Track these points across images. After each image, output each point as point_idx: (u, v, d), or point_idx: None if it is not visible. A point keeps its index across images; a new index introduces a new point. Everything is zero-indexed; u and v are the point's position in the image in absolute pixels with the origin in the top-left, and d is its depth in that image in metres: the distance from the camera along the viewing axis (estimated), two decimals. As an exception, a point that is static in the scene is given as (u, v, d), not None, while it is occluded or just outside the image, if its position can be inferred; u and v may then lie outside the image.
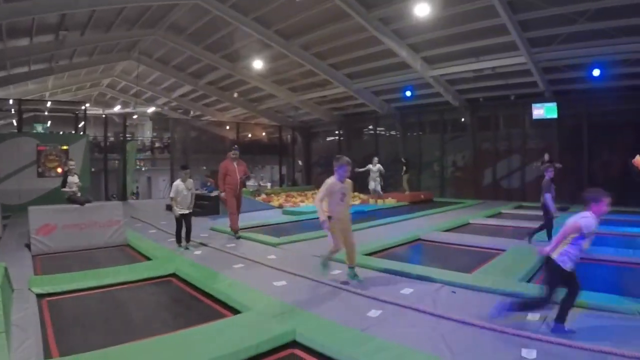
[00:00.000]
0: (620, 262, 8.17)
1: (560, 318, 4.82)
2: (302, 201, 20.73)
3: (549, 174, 10.02)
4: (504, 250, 8.92)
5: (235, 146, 12.09)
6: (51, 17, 17.04)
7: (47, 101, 26.85)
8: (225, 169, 11.44)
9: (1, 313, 4.74)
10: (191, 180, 10.45)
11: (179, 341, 4.71)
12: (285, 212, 16.72)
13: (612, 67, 16.45)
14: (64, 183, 11.54)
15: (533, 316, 5.21)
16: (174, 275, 7.79)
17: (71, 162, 12.62)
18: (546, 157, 17.36)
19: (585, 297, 5.36)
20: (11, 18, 15.20)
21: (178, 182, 10.11)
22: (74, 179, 11.68)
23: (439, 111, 24.17)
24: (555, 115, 19.47)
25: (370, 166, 18.97)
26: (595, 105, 19.17)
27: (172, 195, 10.05)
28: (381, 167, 19.11)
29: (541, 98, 19.93)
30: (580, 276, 4.96)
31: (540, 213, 10.52)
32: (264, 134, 37.30)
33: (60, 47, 20.10)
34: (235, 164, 11.52)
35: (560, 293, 4.89)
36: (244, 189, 12.84)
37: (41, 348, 4.72)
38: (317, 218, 6.79)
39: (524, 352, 4.30)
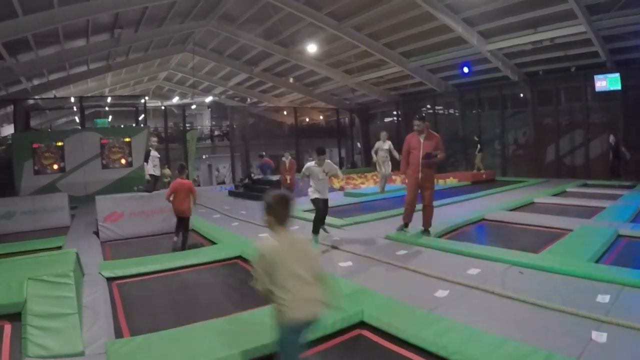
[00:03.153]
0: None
1: None
2: (362, 183, 20.71)
3: None
4: (570, 230, 8.66)
5: (418, 115, 9.30)
6: (105, 16, 17.61)
7: (107, 97, 27.69)
8: (408, 142, 9.00)
9: (74, 295, 4.97)
10: (329, 162, 9.16)
11: (247, 321, 4.82)
12: (347, 194, 16.77)
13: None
14: (147, 157, 12.13)
15: (603, 298, 5.06)
16: (239, 257, 7.96)
17: (153, 139, 13.18)
18: (611, 139, 16.74)
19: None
20: (67, 21, 15.80)
21: (312, 164, 9.00)
22: (155, 154, 12.26)
23: (497, 87, 23.60)
24: (619, 87, 18.60)
25: (379, 144, 14.61)
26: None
27: (304, 171, 9.12)
28: (391, 145, 14.53)
29: (603, 69, 19.08)
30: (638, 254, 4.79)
31: (606, 191, 10.18)
32: (321, 117, 37.42)
33: (116, 45, 20.74)
34: (421, 137, 8.79)
35: None
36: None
37: (112, 328, 4.94)
38: (378, 199, 6.81)
39: (594, 335, 4.19)
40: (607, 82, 18.77)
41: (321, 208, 8.91)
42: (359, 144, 34.27)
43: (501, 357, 3.82)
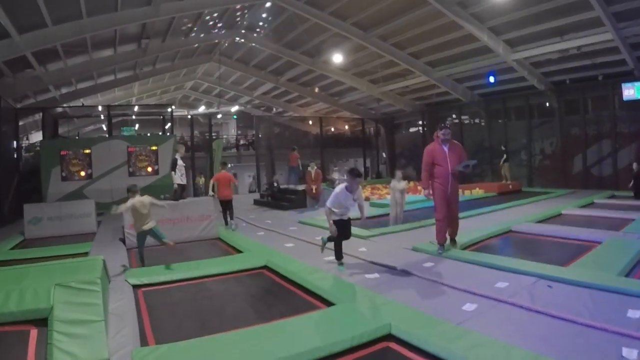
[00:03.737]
0: None
1: None
2: (387, 193, 20.63)
3: None
4: (599, 243, 8.57)
5: (443, 124, 8.78)
6: (133, 27, 17.99)
7: (134, 105, 28.14)
8: (431, 155, 8.41)
9: (100, 302, 5.05)
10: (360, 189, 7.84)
11: (273, 332, 4.85)
12: (373, 205, 16.71)
13: None
14: (174, 166, 12.26)
15: (634, 313, 4.97)
16: (265, 267, 8.01)
17: (182, 149, 13.43)
18: (635, 166, 16.59)
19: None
20: (95, 31, 16.21)
21: (341, 191, 7.51)
22: (181, 162, 12.43)
23: (524, 96, 23.41)
24: (647, 96, 18.36)
25: (394, 183, 12.62)
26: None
27: (330, 204, 7.57)
28: (405, 186, 12.80)
29: (631, 77, 18.77)
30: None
31: (635, 203, 9.92)
32: (346, 127, 37.48)
33: (143, 55, 21.15)
34: (446, 147, 8.36)
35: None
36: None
37: (137, 335, 5.01)
38: (405, 210, 6.86)
39: (625, 352, 4.12)
40: (634, 91, 18.50)
41: (343, 232, 7.77)
42: (384, 154, 34.23)
43: (530, 373, 3.78)
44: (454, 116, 28.50)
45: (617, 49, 17.15)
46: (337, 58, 22.33)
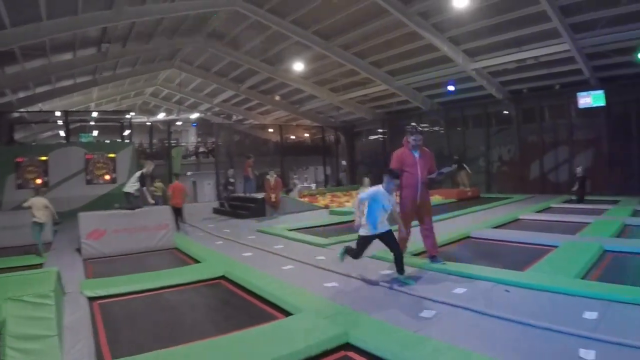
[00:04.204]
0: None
1: None
2: (347, 201, 20.69)
3: None
4: (556, 247, 8.67)
5: (414, 129, 7.92)
6: (93, 30, 17.57)
7: (93, 112, 27.61)
8: (400, 160, 7.74)
9: (54, 316, 4.85)
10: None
11: (231, 344, 4.75)
12: (333, 213, 16.72)
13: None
14: (143, 181, 11.95)
15: (590, 315, 5.06)
16: (223, 277, 7.85)
17: (149, 164, 13.11)
18: (579, 170, 17.15)
19: (630, 292, 5.37)
20: (54, 34, 15.78)
21: (379, 189, 6.77)
22: (138, 174, 12.17)
23: (482, 104, 23.84)
24: (602, 104, 18.86)
25: (362, 190, 13.45)
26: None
27: (364, 199, 6.82)
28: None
29: (587, 86, 19.38)
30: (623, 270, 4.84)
31: (591, 207, 10.09)
32: (306, 135, 37.52)
33: (103, 60, 20.70)
34: (416, 154, 7.76)
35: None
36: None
37: (93, 350, 4.82)
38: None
39: (582, 353, 4.18)
40: (591, 99, 19.04)
41: (390, 245, 6.96)
42: (344, 162, 34.33)
43: (489, 378, 3.76)
44: (413, 124, 28.48)
45: (573, 59, 17.59)
46: (298, 66, 22.34)
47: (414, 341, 4.57)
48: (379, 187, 6.73)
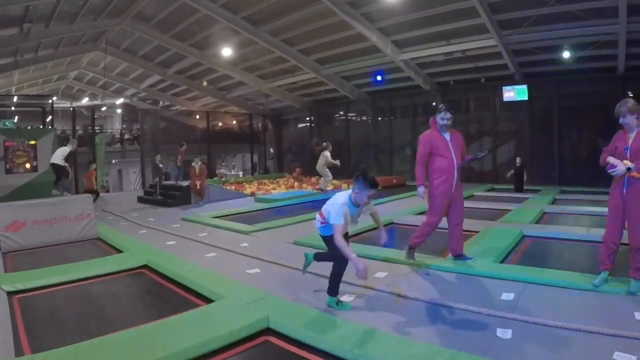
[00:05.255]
0: (577, 240, 8.36)
1: None
2: (274, 189, 20.64)
3: None
4: (477, 232, 8.98)
5: (444, 106, 6.83)
6: (14, 9, 16.66)
7: (13, 96, 26.31)
8: (430, 144, 6.75)
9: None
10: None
11: (152, 333, 4.64)
12: (258, 200, 16.66)
13: (582, 49, 16.65)
14: (68, 158, 12.44)
15: (508, 296, 5.26)
16: (146, 266, 7.68)
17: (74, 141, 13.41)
18: (518, 160, 17.71)
19: (545, 274, 5.61)
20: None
21: (344, 204, 5.01)
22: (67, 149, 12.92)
23: (410, 95, 24.28)
24: (525, 98, 19.70)
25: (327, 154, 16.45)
26: (565, 87, 19.43)
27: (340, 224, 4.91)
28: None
29: (511, 80, 20.15)
30: (540, 254, 5.04)
31: (512, 195, 10.48)
32: (234, 122, 37.27)
33: (25, 40, 19.63)
34: (446, 136, 6.79)
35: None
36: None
37: (12, 346, 4.59)
38: (289, 205, 6.73)
39: (500, 332, 4.34)
40: (514, 93, 19.79)
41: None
42: (271, 150, 34.27)
43: (407, 358, 3.83)
44: (341, 113, 29.05)
45: (499, 54, 18.15)
46: (227, 52, 21.99)
47: (332, 324, 4.62)
48: (346, 199, 5.02)
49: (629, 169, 5.00)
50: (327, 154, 16.45)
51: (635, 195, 5.09)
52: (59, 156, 12.25)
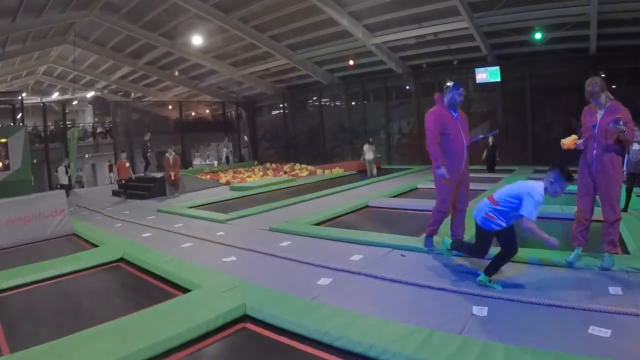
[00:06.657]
0: (551, 218, 8.53)
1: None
2: (249, 177, 20.59)
3: None
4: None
5: (454, 82, 6.55)
6: (-23, 4, 16.28)
7: (-19, 93, 25.78)
8: (441, 121, 6.30)
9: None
10: None
11: (130, 325, 4.61)
12: (233, 189, 16.61)
13: (553, 30, 16.73)
14: None
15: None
16: (122, 259, 7.64)
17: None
18: (490, 140, 17.85)
19: (520, 252, 5.54)
20: None
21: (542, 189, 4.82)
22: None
23: (382, 79, 24.26)
24: (498, 79, 19.81)
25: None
26: (538, 68, 19.62)
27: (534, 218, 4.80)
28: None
29: (484, 62, 20.23)
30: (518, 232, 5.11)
31: (486, 175, 10.46)
32: (207, 111, 36.96)
33: (-9, 36, 19.25)
34: (455, 113, 6.44)
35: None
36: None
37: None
38: (264, 192, 6.73)
39: (475, 310, 4.41)
40: (487, 75, 19.90)
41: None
42: (246, 138, 34.12)
43: (383, 338, 3.87)
44: (314, 98, 28.94)
45: (471, 37, 18.18)
46: (197, 40, 21.74)
47: (308, 308, 4.65)
48: (542, 189, 4.76)
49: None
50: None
51: (603, 173, 5.23)
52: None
